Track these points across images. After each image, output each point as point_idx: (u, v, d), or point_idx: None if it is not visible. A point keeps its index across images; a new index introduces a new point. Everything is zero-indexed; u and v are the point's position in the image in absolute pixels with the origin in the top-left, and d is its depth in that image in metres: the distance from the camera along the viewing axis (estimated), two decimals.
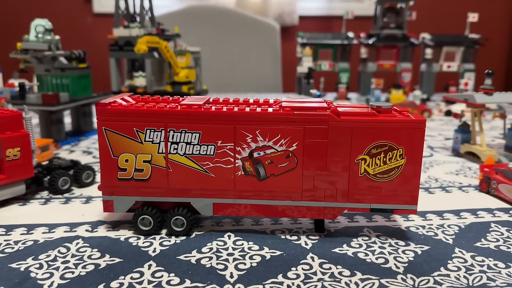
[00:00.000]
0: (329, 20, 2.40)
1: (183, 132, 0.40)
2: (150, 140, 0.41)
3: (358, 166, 0.40)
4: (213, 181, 0.41)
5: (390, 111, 0.41)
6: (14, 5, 2.21)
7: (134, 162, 0.41)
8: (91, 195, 0.53)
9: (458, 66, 1.47)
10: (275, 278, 0.34)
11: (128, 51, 0.99)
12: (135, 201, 0.43)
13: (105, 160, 0.41)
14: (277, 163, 0.41)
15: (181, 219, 0.42)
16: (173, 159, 0.41)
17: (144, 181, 0.42)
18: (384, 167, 0.40)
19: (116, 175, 0.42)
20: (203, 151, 0.41)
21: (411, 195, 0.40)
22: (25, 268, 0.36)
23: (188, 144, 0.41)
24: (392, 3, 1.44)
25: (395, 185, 0.40)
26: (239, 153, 0.41)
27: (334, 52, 1.45)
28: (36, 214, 0.48)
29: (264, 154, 0.41)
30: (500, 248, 0.40)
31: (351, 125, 0.39)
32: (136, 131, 0.41)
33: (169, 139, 0.41)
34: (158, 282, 0.34)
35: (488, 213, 0.49)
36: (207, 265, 0.37)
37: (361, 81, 1.48)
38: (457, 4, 2.29)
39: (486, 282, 0.34)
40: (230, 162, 0.41)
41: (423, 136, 0.40)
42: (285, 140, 0.40)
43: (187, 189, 0.42)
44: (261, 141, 0.40)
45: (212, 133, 0.40)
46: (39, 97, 0.77)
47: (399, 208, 0.41)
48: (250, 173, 0.41)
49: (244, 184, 0.41)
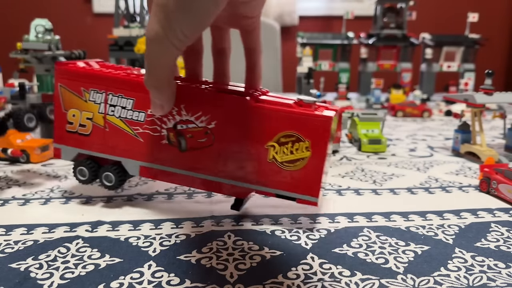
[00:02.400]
0: (329, 20, 2.40)
1: (120, 97, 0.45)
2: (93, 100, 0.46)
3: (267, 152, 0.42)
4: (141, 145, 0.46)
5: (310, 105, 0.42)
6: (14, 5, 2.21)
7: (79, 117, 0.47)
8: (91, 195, 0.53)
9: (458, 66, 1.47)
10: (275, 278, 0.34)
11: (128, 51, 0.99)
12: (78, 153, 0.48)
13: (58, 113, 0.47)
14: (197, 138, 0.44)
15: (111, 175, 0.47)
16: (110, 120, 0.46)
17: (86, 136, 0.47)
18: (291, 156, 0.42)
19: (65, 127, 0.47)
20: (135, 116, 0.45)
21: (313, 188, 0.42)
22: (25, 268, 0.36)
23: (123, 108, 0.45)
24: (392, 3, 1.44)
25: (300, 176, 0.42)
26: (165, 123, 0.44)
27: (334, 52, 1.45)
28: (36, 214, 0.48)
29: (186, 127, 0.44)
30: (500, 248, 0.40)
31: (264, 112, 0.42)
32: (83, 91, 0.46)
33: (108, 101, 0.45)
34: (158, 282, 0.34)
35: (488, 213, 0.49)
36: (207, 265, 0.37)
37: (361, 81, 1.48)
38: (457, 4, 2.29)
39: (486, 282, 0.34)
40: (157, 130, 0.45)
41: (328, 132, 0.41)
42: (205, 117, 0.43)
43: (119, 148, 0.46)
44: (184, 115, 0.44)
45: (144, 102, 0.44)
46: (39, 97, 0.77)
47: (301, 198, 0.43)
48: (173, 143, 0.45)
49: (168, 152, 0.45)
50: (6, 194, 0.53)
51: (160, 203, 0.51)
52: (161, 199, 0.52)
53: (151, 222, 0.45)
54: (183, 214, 0.47)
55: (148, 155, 0.46)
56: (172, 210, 0.49)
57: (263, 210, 0.49)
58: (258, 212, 0.48)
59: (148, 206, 0.50)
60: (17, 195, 0.53)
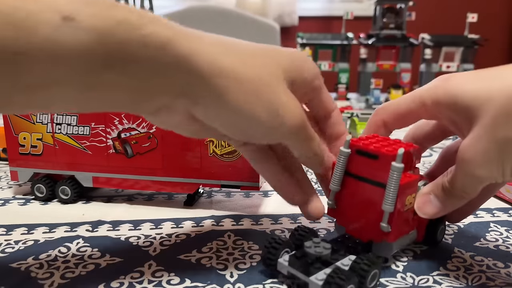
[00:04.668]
0: (329, 20, 2.40)
1: (64, 115, 0.48)
2: (40, 121, 0.48)
3: (207, 147, 0.46)
4: (91, 157, 0.48)
5: None
6: None
7: (30, 139, 0.49)
8: (92, 195, 0.53)
9: (458, 66, 1.47)
10: (275, 278, 0.34)
11: None
12: (34, 173, 0.50)
13: (9, 137, 0.49)
14: (141, 143, 0.47)
15: (66, 189, 0.49)
16: (58, 137, 0.48)
17: (38, 155, 0.49)
18: (229, 148, 0.45)
19: (18, 150, 0.50)
20: (80, 131, 0.48)
21: (254, 173, 0.45)
22: (25, 268, 0.36)
23: (68, 125, 0.48)
24: (392, 4, 1.45)
25: (240, 164, 0.45)
26: (110, 133, 0.47)
27: (333, 52, 1.45)
28: (37, 213, 0.48)
29: (130, 135, 0.47)
30: (499, 248, 0.40)
31: None
32: (30, 114, 0.48)
33: (54, 120, 0.48)
34: (158, 281, 0.34)
35: (487, 213, 0.49)
36: (207, 265, 0.37)
37: (360, 81, 1.48)
38: (456, 4, 2.29)
39: (485, 281, 0.34)
40: (102, 142, 0.48)
41: None
42: (146, 123, 0.47)
43: (71, 163, 0.49)
44: (126, 123, 0.47)
45: (86, 116, 0.47)
46: None
47: (244, 184, 0.46)
48: (120, 151, 0.47)
49: (116, 161, 0.48)
50: (6, 194, 0.53)
51: (160, 203, 0.51)
52: (161, 199, 0.52)
53: (152, 222, 0.46)
54: (183, 213, 0.48)
55: (98, 166, 0.49)
56: (172, 210, 0.49)
57: (263, 210, 0.49)
58: (258, 212, 0.48)
59: (149, 206, 0.50)
60: (17, 195, 0.53)
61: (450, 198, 0.32)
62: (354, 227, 0.35)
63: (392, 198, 0.31)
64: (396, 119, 0.37)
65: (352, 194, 0.34)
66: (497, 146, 0.27)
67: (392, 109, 0.37)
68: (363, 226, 0.34)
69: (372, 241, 0.35)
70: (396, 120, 0.37)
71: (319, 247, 0.32)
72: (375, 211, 0.32)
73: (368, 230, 0.34)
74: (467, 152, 0.29)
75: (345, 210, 0.36)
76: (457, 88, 0.31)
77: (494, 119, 0.27)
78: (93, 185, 0.50)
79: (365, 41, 1.45)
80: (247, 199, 0.52)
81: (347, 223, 0.36)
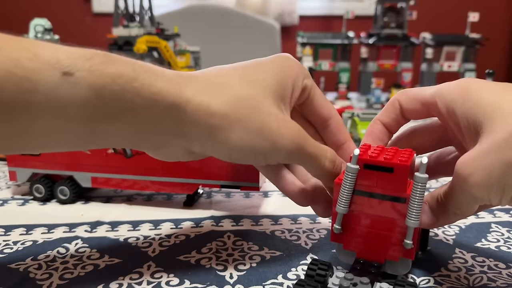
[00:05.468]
0: (329, 19, 2.40)
1: None
2: None
3: None
4: (89, 158, 0.48)
5: None
6: (14, 5, 2.21)
7: None
8: (90, 195, 0.53)
9: (459, 65, 1.46)
10: (275, 278, 0.34)
11: (128, 51, 0.99)
12: (32, 173, 0.50)
13: None
14: None
15: (65, 189, 0.49)
16: None
17: (37, 156, 0.49)
18: None
19: None
20: None
21: (254, 174, 0.45)
22: (24, 269, 0.36)
23: None
24: (393, 3, 1.44)
25: (240, 166, 0.45)
26: None
27: (334, 51, 1.45)
28: (35, 214, 0.47)
29: None
30: (501, 249, 0.40)
31: None
32: None
33: None
34: (157, 282, 0.34)
35: (488, 213, 0.49)
36: (207, 265, 0.36)
37: (361, 81, 1.48)
38: (457, 3, 2.28)
39: (487, 282, 0.34)
40: None
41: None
42: None
43: (69, 163, 0.49)
44: None
45: None
46: None
47: (244, 185, 0.46)
48: (119, 152, 0.47)
49: (115, 161, 0.48)
50: (5, 194, 0.53)
51: (160, 203, 0.51)
52: (160, 199, 0.52)
53: (151, 223, 0.45)
54: (183, 214, 0.47)
55: (97, 166, 0.49)
56: (172, 210, 0.49)
57: (263, 210, 0.49)
58: (258, 212, 0.48)
59: (148, 206, 0.50)
60: (16, 195, 0.53)
61: (444, 214, 0.30)
62: (367, 250, 0.32)
63: (417, 212, 0.28)
64: (415, 106, 0.33)
65: (362, 214, 0.31)
66: (502, 169, 0.24)
67: (412, 93, 0.34)
68: (378, 246, 0.31)
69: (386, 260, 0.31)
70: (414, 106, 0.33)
71: (350, 279, 0.28)
72: (393, 228, 0.30)
73: (384, 250, 0.31)
74: (468, 167, 0.26)
75: (355, 233, 0.32)
76: (477, 92, 0.28)
77: (506, 138, 0.24)
78: (92, 186, 0.50)
79: (366, 40, 1.45)
80: (247, 200, 0.52)
81: (358, 247, 0.32)
